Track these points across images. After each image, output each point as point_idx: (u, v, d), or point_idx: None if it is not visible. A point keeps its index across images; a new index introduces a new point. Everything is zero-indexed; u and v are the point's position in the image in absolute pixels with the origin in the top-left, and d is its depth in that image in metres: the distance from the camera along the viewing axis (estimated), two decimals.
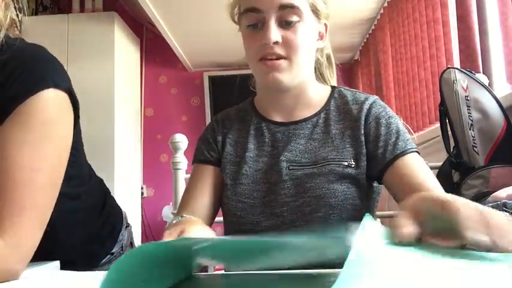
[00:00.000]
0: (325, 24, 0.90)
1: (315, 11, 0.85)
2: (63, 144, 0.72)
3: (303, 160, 0.83)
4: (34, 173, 0.65)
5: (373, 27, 3.10)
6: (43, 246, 0.67)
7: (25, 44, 0.74)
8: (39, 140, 0.66)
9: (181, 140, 1.49)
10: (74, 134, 0.75)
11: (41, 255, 0.71)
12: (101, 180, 0.97)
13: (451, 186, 1.21)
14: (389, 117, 0.84)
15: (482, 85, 1.19)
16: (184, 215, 0.79)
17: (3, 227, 0.61)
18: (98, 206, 0.93)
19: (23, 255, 0.62)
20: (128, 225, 1.03)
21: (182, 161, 1.52)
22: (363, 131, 0.83)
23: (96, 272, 0.64)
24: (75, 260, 0.85)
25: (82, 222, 0.89)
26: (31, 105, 0.67)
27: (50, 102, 0.69)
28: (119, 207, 1.02)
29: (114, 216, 0.98)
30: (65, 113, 0.72)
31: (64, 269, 0.80)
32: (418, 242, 0.43)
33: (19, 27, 0.77)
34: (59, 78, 0.71)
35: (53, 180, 0.69)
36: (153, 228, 3.67)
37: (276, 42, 0.79)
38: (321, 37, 0.91)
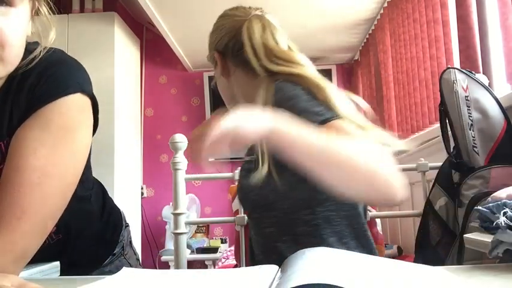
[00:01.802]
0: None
1: None
2: (81, 150, 0.71)
3: None
4: (45, 177, 0.64)
5: (373, 27, 3.10)
6: (54, 249, 0.66)
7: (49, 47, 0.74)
8: (57, 145, 0.65)
9: (181, 140, 1.49)
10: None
11: (50, 257, 0.70)
12: (99, 181, 0.98)
13: (451, 187, 1.21)
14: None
15: (482, 85, 1.19)
16: None
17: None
18: (100, 207, 0.93)
19: (15, 257, 0.60)
20: (127, 225, 1.03)
21: (182, 161, 1.52)
22: None
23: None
24: (79, 261, 0.85)
25: (89, 224, 0.89)
26: (55, 108, 0.66)
27: (74, 107, 0.68)
28: (118, 207, 1.02)
29: (115, 217, 0.98)
30: (86, 119, 0.72)
31: (67, 271, 0.80)
32: None
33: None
34: (84, 83, 0.71)
35: (64, 187, 0.67)
36: (153, 228, 3.67)
37: None
38: None
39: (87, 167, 0.78)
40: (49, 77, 0.67)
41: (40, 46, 0.70)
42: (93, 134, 0.76)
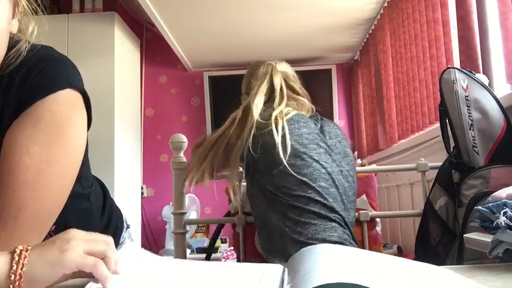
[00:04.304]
0: None
1: None
2: (75, 146, 0.70)
3: None
4: (39, 175, 0.63)
5: (373, 27, 3.10)
6: None
7: (35, 44, 0.73)
8: (49, 142, 0.65)
9: (181, 140, 1.49)
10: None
11: None
12: (100, 181, 0.97)
13: (451, 186, 1.21)
14: None
15: (482, 85, 1.19)
16: None
17: None
18: (100, 207, 0.93)
19: None
20: (128, 227, 1.03)
21: (182, 161, 1.52)
22: None
23: None
24: None
25: (89, 223, 0.88)
26: (45, 105, 0.65)
27: (64, 103, 0.67)
28: (119, 208, 1.02)
29: (116, 218, 0.98)
30: (78, 114, 0.71)
31: None
32: None
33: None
34: (74, 79, 0.70)
35: (61, 184, 0.67)
36: (153, 228, 3.67)
37: None
38: None
39: (85, 165, 0.77)
40: (37, 74, 0.66)
41: (24, 41, 0.69)
42: (88, 130, 0.76)
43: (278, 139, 1.17)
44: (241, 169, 1.32)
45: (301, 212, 1.13)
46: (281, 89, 1.32)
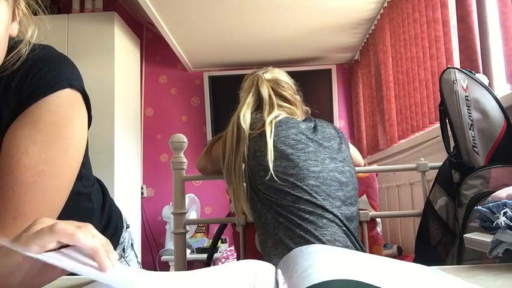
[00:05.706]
0: None
1: None
2: (75, 146, 0.69)
3: None
4: (38, 175, 0.63)
5: (373, 27, 3.10)
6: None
7: (35, 45, 0.73)
8: (48, 142, 0.64)
9: (181, 140, 1.49)
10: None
11: None
12: (100, 181, 0.97)
13: (451, 186, 1.21)
14: None
15: (482, 85, 1.19)
16: None
17: None
18: (100, 206, 0.93)
19: None
20: (128, 226, 1.03)
21: (182, 161, 1.52)
22: None
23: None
24: None
25: (89, 223, 0.88)
26: (43, 106, 0.65)
27: (63, 103, 0.67)
28: (118, 208, 1.02)
29: (115, 218, 0.98)
30: (78, 113, 0.70)
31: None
32: None
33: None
34: (73, 78, 0.70)
35: (60, 184, 0.66)
36: (153, 228, 3.67)
37: None
38: None
39: (85, 164, 0.77)
40: (36, 74, 0.66)
41: (24, 44, 0.69)
42: (88, 130, 0.75)
43: (265, 145, 1.21)
44: None
45: (291, 209, 1.16)
46: (270, 97, 1.36)
